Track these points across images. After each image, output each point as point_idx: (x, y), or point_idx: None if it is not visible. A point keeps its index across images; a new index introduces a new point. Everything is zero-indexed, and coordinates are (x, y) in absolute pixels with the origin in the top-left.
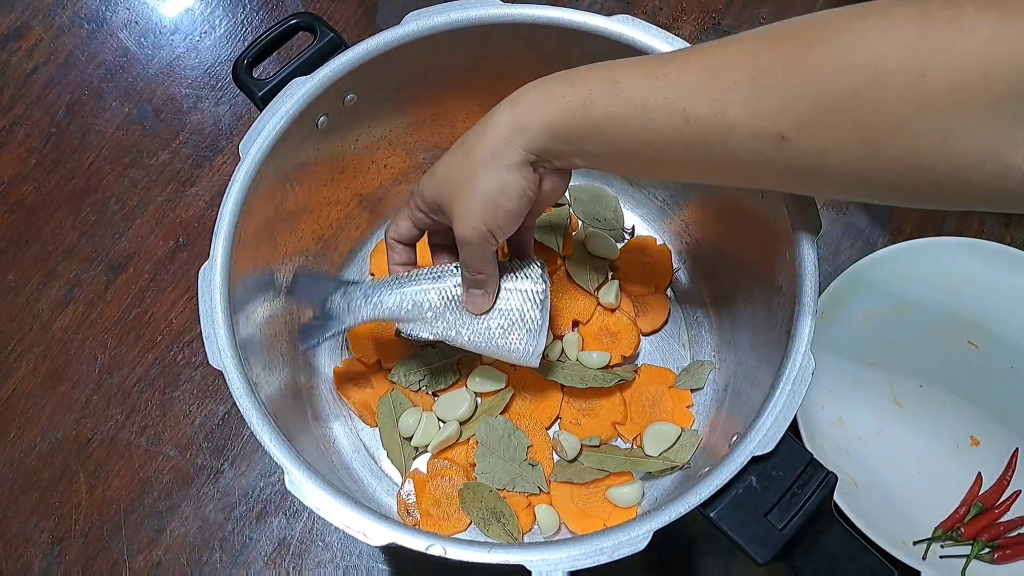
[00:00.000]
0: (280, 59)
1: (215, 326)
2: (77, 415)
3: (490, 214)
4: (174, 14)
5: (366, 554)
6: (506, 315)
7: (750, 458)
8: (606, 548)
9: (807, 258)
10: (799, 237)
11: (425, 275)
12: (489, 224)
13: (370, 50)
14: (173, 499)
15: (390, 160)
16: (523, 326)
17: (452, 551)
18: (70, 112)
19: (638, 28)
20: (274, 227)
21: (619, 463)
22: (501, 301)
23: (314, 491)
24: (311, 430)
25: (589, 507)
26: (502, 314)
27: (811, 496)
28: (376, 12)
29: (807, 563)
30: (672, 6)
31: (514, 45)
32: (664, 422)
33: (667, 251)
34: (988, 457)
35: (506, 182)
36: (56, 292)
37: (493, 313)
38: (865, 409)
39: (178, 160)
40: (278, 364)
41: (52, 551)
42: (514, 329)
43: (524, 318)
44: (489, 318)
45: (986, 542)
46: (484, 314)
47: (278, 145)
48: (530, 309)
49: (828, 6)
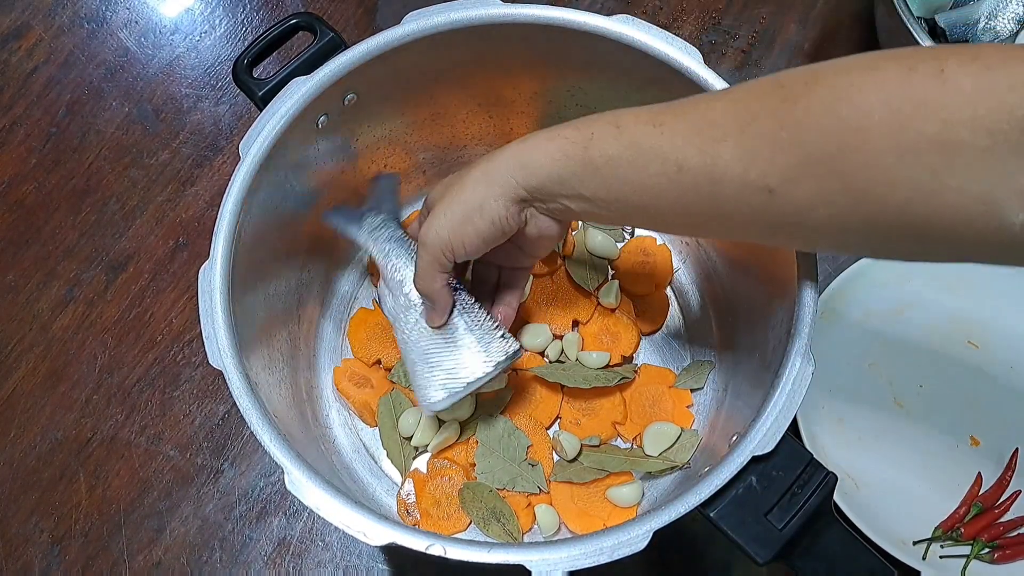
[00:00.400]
0: (280, 59)
1: (215, 326)
2: (77, 415)
3: (459, 226)
4: (174, 14)
5: (366, 554)
6: (443, 349)
7: (750, 458)
8: (606, 548)
9: (807, 258)
10: None
11: (411, 253)
12: (452, 235)
13: (370, 50)
14: (173, 499)
15: (390, 160)
16: (448, 369)
17: (452, 551)
18: (70, 112)
19: (638, 28)
20: (274, 227)
21: (619, 463)
22: (451, 333)
23: (314, 491)
24: (311, 430)
25: (589, 507)
26: (438, 345)
27: (811, 496)
28: (376, 12)
29: (807, 563)
30: (672, 6)
31: (514, 45)
32: (664, 422)
33: (667, 251)
34: (988, 457)
35: (486, 202)
36: (56, 292)
37: (434, 335)
38: (865, 409)
39: (178, 160)
40: (278, 364)
41: (52, 551)
42: (436, 367)
43: (456, 365)
44: (428, 336)
45: (986, 542)
46: (434, 329)
47: (278, 145)
48: (465, 367)
49: (827, 9)
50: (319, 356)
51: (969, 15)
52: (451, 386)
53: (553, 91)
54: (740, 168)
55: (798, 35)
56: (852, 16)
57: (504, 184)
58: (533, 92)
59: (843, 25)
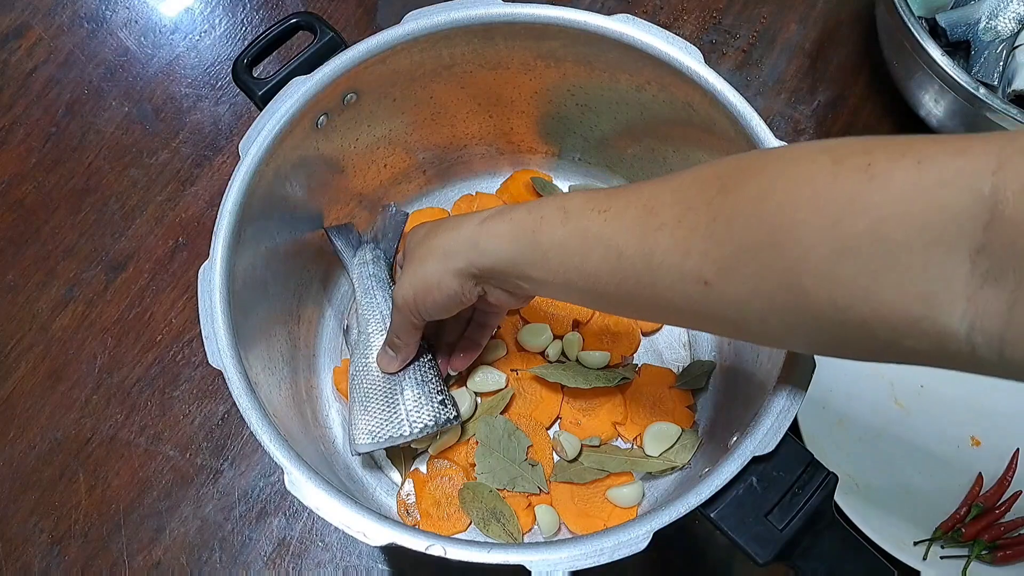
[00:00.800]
0: (280, 58)
1: (215, 326)
2: (77, 415)
3: (422, 295)
4: (174, 13)
5: (366, 554)
6: (383, 396)
7: (750, 458)
8: (606, 548)
9: None
10: None
11: (387, 299)
12: (418, 302)
13: (370, 50)
14: (173, 499)
15: (390, 160)
16: (379, 418)
17: (452, 551)
18: (70, 111)
19: (638, 28)
20: (274, 227)
21: (619, 463)
22: (395, 384)
23: (314, 491)
24: (311, 430)
25: (589, 507)
26: (380, 392)
27: (811, 496)
28: (376, 12)
29: (807, 563)
30: (672, 6)
31: (514, 45)
32: (665, 422)
33: None
34: (989, 457)
35: (443, 280)
36: (56, 292)
37: (378, 381)
38: (865, 409)
39: (178, 160)
40: (278, 364)
41: (52, 551)
42: (370, 412)
43: (389, 417)
44: (372, 380)
45: (987, 543)
46: (384, 374)
47: (278, 145)
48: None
49: (827, 9)
50: (319, 356)
51: (969, 15)
52: (378, 435)
53: (553, 91)
54: (677, 258)
55: (798, 35)
56: (852, 16)
57: (459, 263)
58: (533, 92)
59: (843, 25)
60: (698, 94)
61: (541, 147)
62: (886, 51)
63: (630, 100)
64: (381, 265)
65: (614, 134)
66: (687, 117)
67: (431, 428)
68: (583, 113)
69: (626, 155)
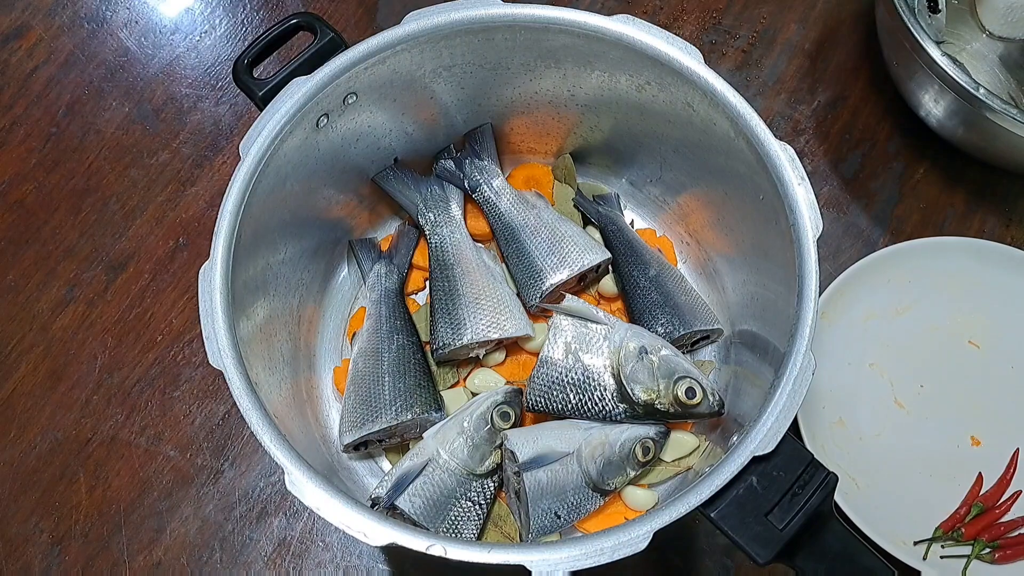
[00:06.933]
0: (280, 59)
1: (215, 326)
2: (77, 415)
3: None
4: (174, 14)
5: (366, 554)
6: (366, 386)
7: (751, 458)
8: (606, 548)
9: (807, 258)
10: (799, 237)
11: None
12: None
13: (370, 50)
14: (173, 499)
15: (390, 160)
16: (361, 408)
17: (452, 551)
18: (70, 112)
19: (638, 28)
20: (274, 227)
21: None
22: (380, 374)
23: (314, 491)
24: (311, 430)
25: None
26: (367, 381)
27: (812, 496)
28: (376, 12)
29: (807, 563)
30: (672, 6)
31: (514, 45)
32: (681, 431)
33: (668, 243)
34: (989, 457)
35: None
36: (56, 292)
37: (366, 371)
38: (866, 409)
39: (178, 160)
40: (278, 364)
41: (52, 551)
42: (355, 402)
43: (369, 405)
44: (360, 369)
45: (987, 542)
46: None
47: (278, 145)
48: (382, 408)
49: (827, 9)
50: (319, 356)
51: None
52: (358, 424)
53: (553, 91)
54: None
55: (798, 35)
56: (852, 16)
57: None
58: (533, 92)
59: (843, 25)
60: (698, 94)
61: (541, 147)
62: (886, 51)
63: (630, 100)
64: (393, 279)
65: (614, 134)
66: (687, 117)
67: (409, 416)
68: (583, 113)
69: (626, 155)
